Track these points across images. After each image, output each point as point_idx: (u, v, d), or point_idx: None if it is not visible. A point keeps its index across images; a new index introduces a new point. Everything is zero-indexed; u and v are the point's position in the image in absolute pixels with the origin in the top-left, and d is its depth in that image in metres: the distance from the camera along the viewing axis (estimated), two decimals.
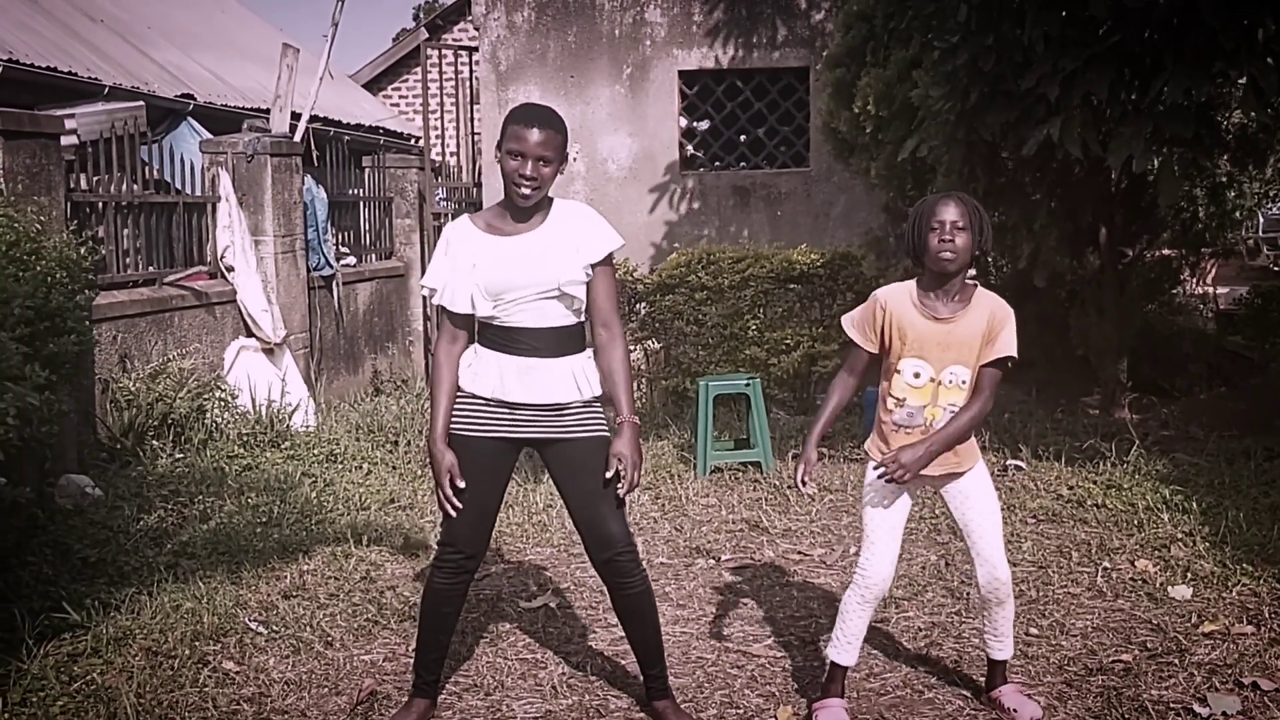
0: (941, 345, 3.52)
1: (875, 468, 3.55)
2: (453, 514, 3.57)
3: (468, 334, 3.65)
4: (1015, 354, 3.55)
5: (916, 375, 3.54)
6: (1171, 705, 3.70)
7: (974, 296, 3.56)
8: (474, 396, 3.60)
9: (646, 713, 3.78)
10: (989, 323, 3.53)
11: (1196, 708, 3.67)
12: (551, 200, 3.62)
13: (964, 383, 3.54)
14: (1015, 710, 3.65)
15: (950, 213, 3.47)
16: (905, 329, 3.54)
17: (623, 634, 4.39)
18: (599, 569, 3.67)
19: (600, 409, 3.66)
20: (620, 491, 3.55)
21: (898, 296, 3.58)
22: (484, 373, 3.60)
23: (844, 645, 3.69)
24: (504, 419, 3.59)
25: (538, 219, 3.60)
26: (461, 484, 3.55)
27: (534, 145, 3.46)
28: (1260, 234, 12.97)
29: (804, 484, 3.66)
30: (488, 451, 3.61)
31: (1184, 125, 6.22)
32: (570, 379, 3.58)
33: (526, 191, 3.49)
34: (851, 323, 3.67)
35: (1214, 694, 3.75)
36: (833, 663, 3.71)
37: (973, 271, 3.80)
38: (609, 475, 3.53)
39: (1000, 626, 3.73)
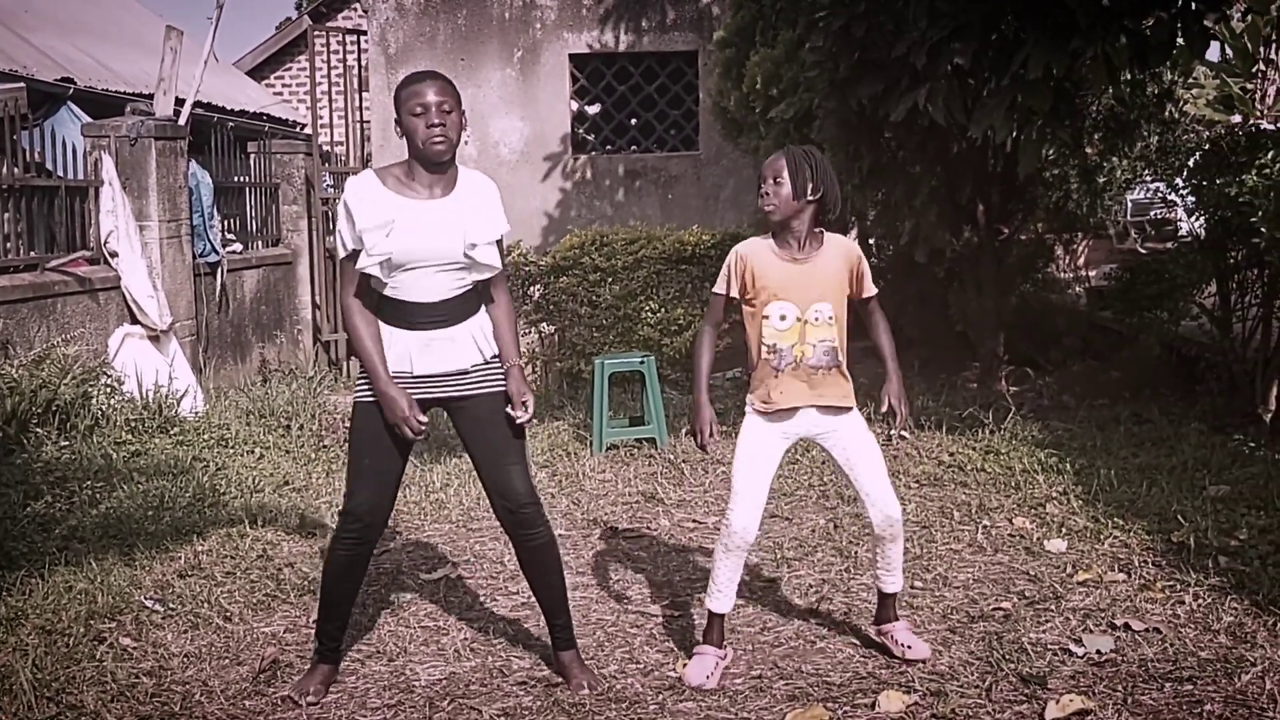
0: (802, 285, 3.72)
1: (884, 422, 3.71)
2: (413, 436, 3.59)
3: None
4: (874, 291, 3.92)
5: (783, 318, 3.73)
6: (1049, 646, 3.89)
7: (825, 239, 3.79)
8: None
9: (552, 666, 3.86)
10: (847, 260, 3.80)
11: (1073, 648, 3.87)
12: (456, 166, 3.67)
13: (831, 319, 3.74)
14: (908, 647, 3.81)
15: (771, 168, 3.73)
16: (766, 273, 3.73)
17: (524, 599, 4.52)
18: (504, 522, 3.75)
19: (499, 365, 3.74)
20: (520, 419, 3.65)
21: (754, 247, 3.80)
22: (389, 347, 3.65)
23: (716, 593, 3.83)
24: (409, 386, 3.64)
25: (447, 183, 3.63)
26: (423, 419, 3.59)
27: (433, 97, 3.52)
28: (1128, 218, 13.49)
29: (711, 439, 3.80)
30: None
31: (1042, 98, 6.50)
32: (471, 343, 3.67)
33: (440, 144, 3.53)
34: (719, 281, 3.86)
35: (1089, 635, 3.96)
36: (709, 611, 3.85)
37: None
38: (514, 414, 3.67)
39: (893, 561, 3.89)
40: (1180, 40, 6.32)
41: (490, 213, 3.67)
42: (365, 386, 3.67)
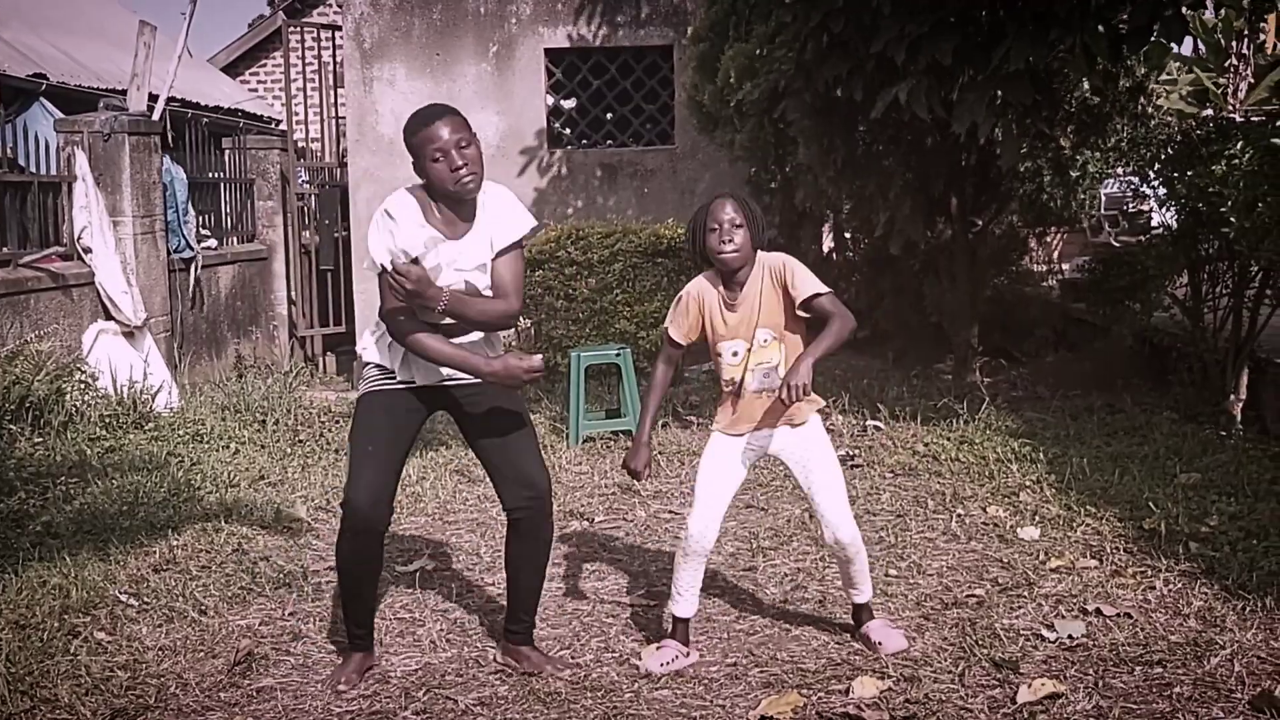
0: (746, 322, 3.76)
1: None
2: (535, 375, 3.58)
3: None
4: (822, 288, 3.73)
5: (735, 354, 3.79)
6: (1022, 632, 3.93)
7: (754, 265, 3.76)
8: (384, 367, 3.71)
9: (510, 658, 3.87)
10: (775, 278, 3.74)
11: (1045, 633, 3.90)
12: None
13: (771, 339, 3.76)
14: (880, 643, 3.84)
15: (724, 213, 3.69)
16: (715, 318, 3.78)
17: (500, 590, 4.51)
18: (518, 512, 3.76)
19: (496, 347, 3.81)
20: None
21: (705, 292, 3.81)
22: (394, 354, 3.68)
23: (678, 597, 3.87)
24: (411, 389, 3.71)
25: (468, 214, 3.61)
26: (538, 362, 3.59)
27: (449, 136, 3.47)
28: (1102, 211, 13.57)
29: (643, 474, 3.87)
30: (399, 408, 3.70)
31: (1023, 92, 6.54)
32: (479, 348, 3.72)
33: (470, 182, 3.50)
34: (671, 323, 3.88)
35: (1061, 620, 3.99)
36: (674, 615, 3.88)
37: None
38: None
39: (855, 577, 3.92)
40: (1157, 27, 6.36)
41: (494, 230, 3.63)
42: (377, 377, 3.71)
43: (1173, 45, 7.19)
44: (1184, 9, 6.44)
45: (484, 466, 3.89)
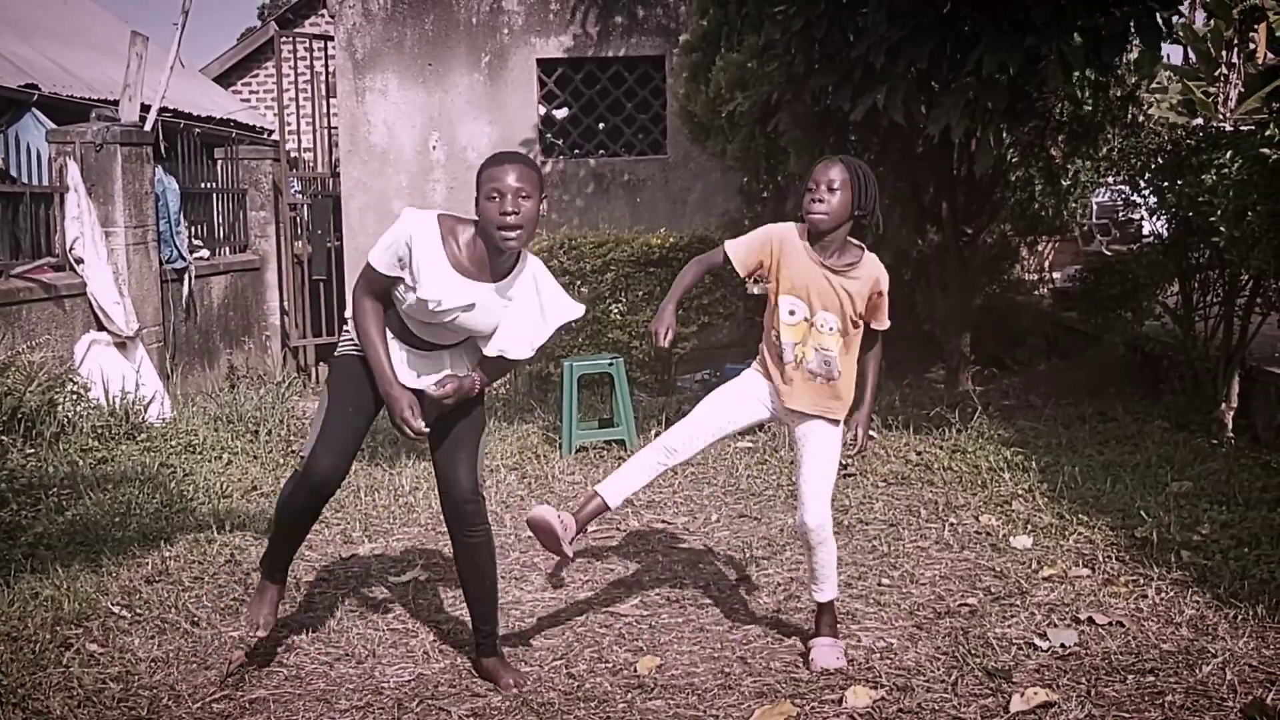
0: (819, 290, 3.73)
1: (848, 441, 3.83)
2: (413, 436, 3.60)
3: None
4: (886, 325, 3.91)
5: (791, 313, 3.76)
6: (1014, 641, 3.93)
7: (863, 257, 3.77)
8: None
9: (477, 672, 3.88)
10: (873, 286, 3.77)
11: (1038, 642, 3.91)
12: (523, 253, 3.64)
13: (834, 329, 3.75)
14: (813, 659, 3.81)
15: (826, 174, 3.68)
16: (790, 265, 3.74)
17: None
18: (446, 516, 3.82)
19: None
20: (434, 393, 3.58)
21: (789, 235, 3.78)
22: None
23: (614, 484, 3.87)
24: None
25: (503, 266, 3.58)
26: (423, 426, 3.60)
27: (514, 183, 3.45)
28: (1094, 220, 13.62)
29: (665, 336, 3.84)
30: (370, 376, 3.71)
31: (999, 96, 6.57)
32: (460, 360, 3.77)
33: (512, 236, 3.46)
34: (737, 244, 3.85)
35: (1053, 629, 4.00)
36: (598, 494, 3.86)
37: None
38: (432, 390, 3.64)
39: (817, 570, 3.89)
40: (1133, 33, 6.40)
41: (530, 323, 3.63)
42: (349, 342, 3.75)
43: (1161, 55, 7.23)
44: (1159, 15, 6.48)
45: (432, 466, 3.92)
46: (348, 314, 3.81)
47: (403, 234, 3.53)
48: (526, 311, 3.63)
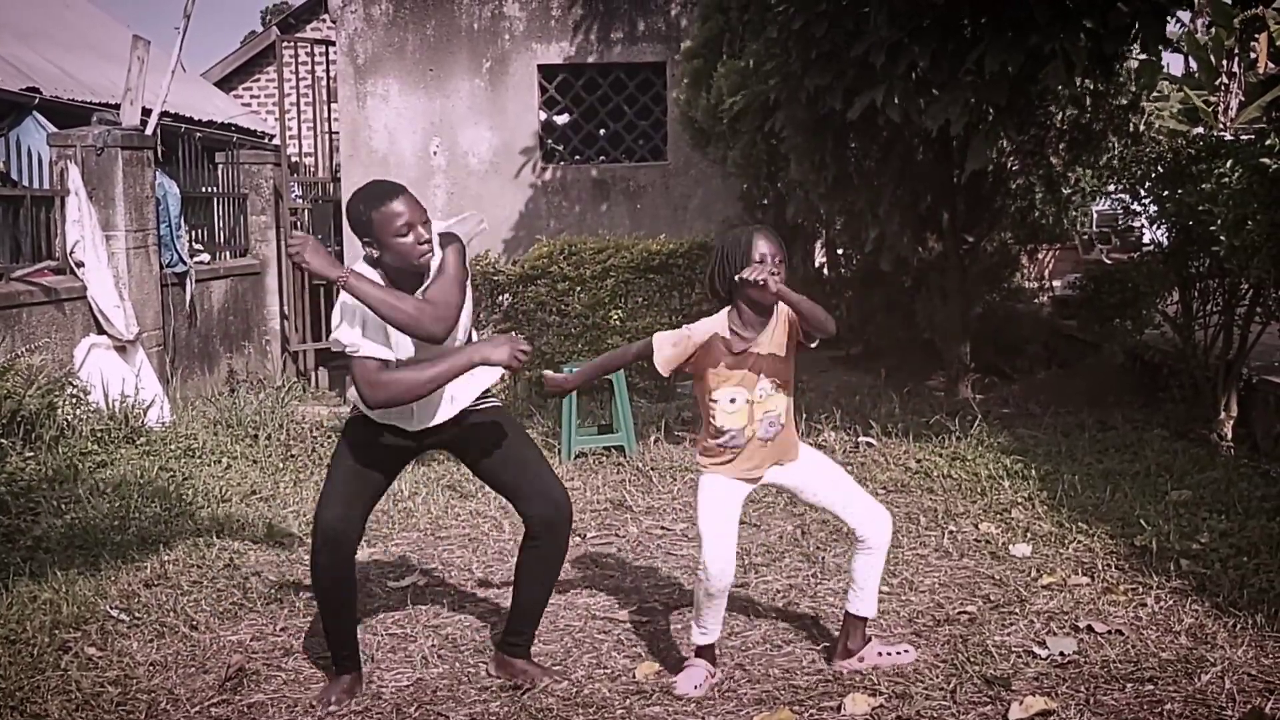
0: (752, 369, 3.68)
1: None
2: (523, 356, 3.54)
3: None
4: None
5: (732, 400, 3.69)
6: (1013, 649, 3.93)
7: (775, 308, 3.70)
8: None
9: (503, 671, 3.88)
10: (783, 319, 3.70)
11: (1036, 649, 3.91)
12: None
13: (778, 388, 3.71)
14: (869, 657, 3.83)
15: (770, 247, 3.61)
16: (718, 364, 3.67)
17: (491, 607, 4.54)
18: (539, 528, 3.77)
19: (491, 398, 3.86)
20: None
21: (712, 330, 3.68)
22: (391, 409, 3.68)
23: (703, 632, 3.82)
24: (408, 440, 3.77)
25: (420, 283, 3.59)
26: (527, 346, 3.56)
27: (412, 211, 3.48)
28: (1094, 228, 13.63)
29: (551, 386, 3.84)
30: (388, 441, 3.73)
31: (999, 93, 6.57)
32: (466, 388, 3.73)
33: (429, 256, 3.51)
34: (666, 340, 3.71)
35: (1052, 637, 4.00)
36: (698, 645, 3.84)
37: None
38: None
39: (873, 577, 3.84)
40: (1136, 27, 6.40)
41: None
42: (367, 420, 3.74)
43: (1162, 64, 7.23)
44: (1166, 12, 6.47)
45: (498, 489, 3.88)
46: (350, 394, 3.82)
47: (351, 305, 3.52)
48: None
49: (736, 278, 3.60)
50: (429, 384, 3.50)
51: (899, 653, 3.87)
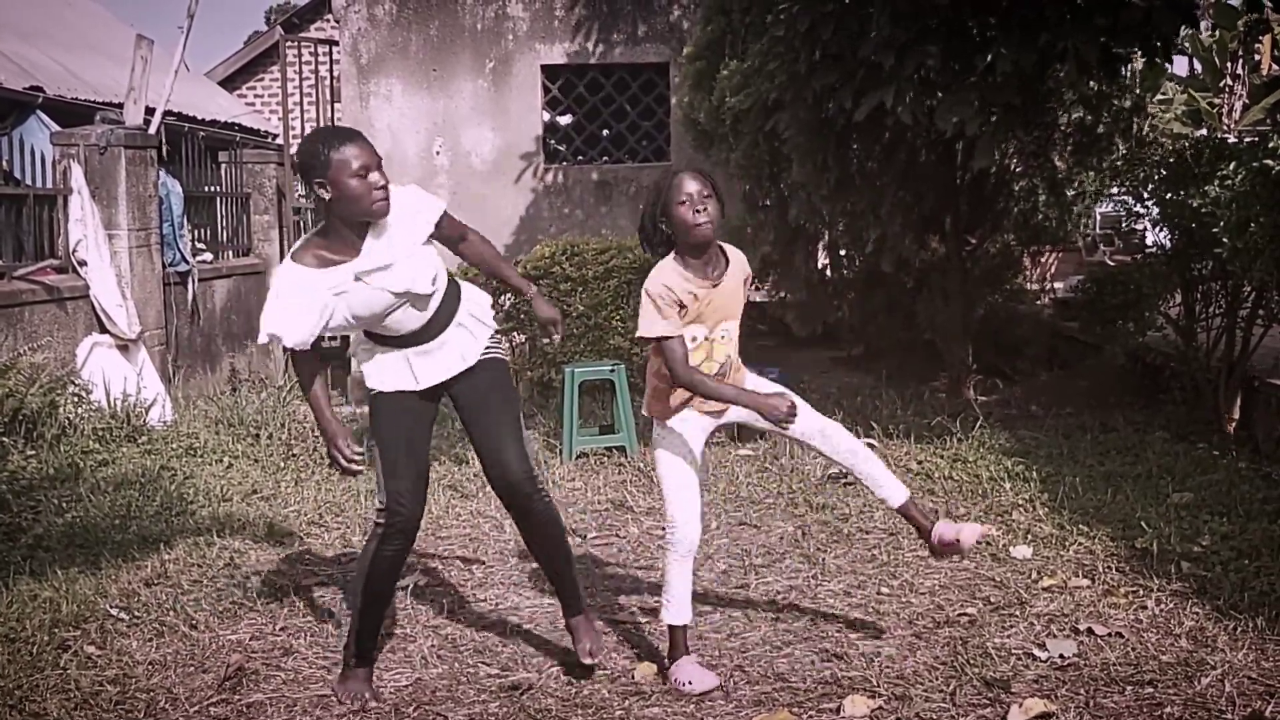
0: (714, 307, 3.70)
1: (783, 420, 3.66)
2: (349, 468, 3.60)
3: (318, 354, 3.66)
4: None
5: (693, 339, 3.70)
6: (1013, 651, 3.92)
7: (728, 254, 3.75)
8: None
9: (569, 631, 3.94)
10: (744, 273, 3.79)
11: (1036, 652, 3.90)
12: None
13: (733, 337, 3.76)
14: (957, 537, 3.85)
15: (695, 186, 3.62)
16: (688, 302, 3.67)
17: (491, 607, 4.55)
18: (501, 497, 3.82)
19: (498, 338, 3.88)
20: (554, 340, 3.95)
21: (672, 279, 3.66)
22: (390, 368, 3.72)
23: (675, 606, 3.82)
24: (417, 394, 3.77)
25: (377, 231, 3.56)
26: (359, 450, 3.62)
27: (369, 156, 3.47)
28: (1097, 230, 13.61)
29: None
30: (411, 402, 3.73)
31: (1010, 93, 6.56)
32: (468, 338, 3.76)
33: (385, 207, 3.50)
34: (652, 325, 3.68)
35: (1052, 639, 3.99)
36: (670, 626, 3.84)
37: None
38: (551, 338, 4.02)
39: (879, 477, 3.89)
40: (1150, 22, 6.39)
41: (413, 223, 3.62)
42: (378, 374, 3.74)
43: (1167, 66, 7.22)
44: (1180, 8, 6.44)
45: (473, 446, 3.90)
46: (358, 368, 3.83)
47: (278, 288, 3.52)
48: (412, 239, 3.61)
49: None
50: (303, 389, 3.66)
51: (688, 682, 3.73)
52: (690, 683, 3.72)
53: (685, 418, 3.80)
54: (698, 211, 3.59)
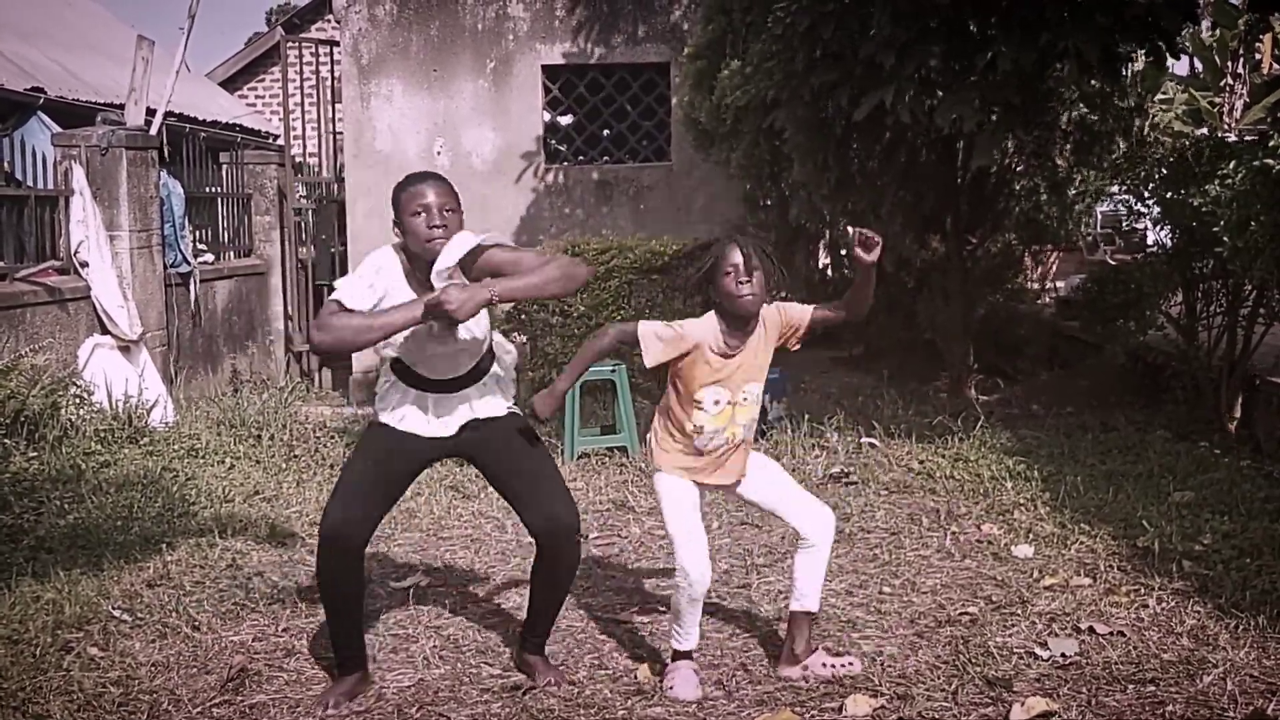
0: (739, 371, 3.68)
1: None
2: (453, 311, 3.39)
3: None
4: (810, 307, 3.80)
5: (716, 403, 3.68)
6: (1015, 650, 3.93)
7: (756, 318, 3.70)
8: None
9: (519, 666, 3.91)
10: (776, 328, 3.73)
11: (1038, 651, 3.91)
12: None
13: (758, 398, 3.73)
14: (812, 671, 3.80)
15: (742, 257, 3.58)
16: (709, 363, 3.66)
17: (493, 608, 4.55)
18: (543, 543, 3.78)
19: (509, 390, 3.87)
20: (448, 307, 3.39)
21: (703, 335, 3.65)
22: (405, 407, 3.72)
23: (687, 638, 3.82)
24: (420, 445, 3.75)
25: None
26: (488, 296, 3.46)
27: (436, 198, 3.55)
28: (1098, 229, 13.60)
29: (546, 413, 3.68)
30: (405, 447, 3.72)
31: (1009, 91, 6.57)
32: (485, 399, 3.76)
33: (439, 240, 3.52)
34: (654, 334, 3.68)
35: (1054, 638, 4.00)
36: (676, 650, 3.84)
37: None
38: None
39: (815, 574, 3.85)
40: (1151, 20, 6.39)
41: (447, 270, 3.58)
42: (390, 410, 3.74)
43: (1171, 59, 7.20)
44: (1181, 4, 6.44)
45: (507, 498, 3.87)
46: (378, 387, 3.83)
47: (368, 267, 3.59)
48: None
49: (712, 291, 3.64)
50: (376, 330, 3.41)
51: (845, 665, 3.80)
52: (672, 687, 3.73)
53: (674, 479, 3.78)
54: (741, 283, 3.58)
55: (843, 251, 10.86)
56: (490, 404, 3.78)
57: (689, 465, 3.75)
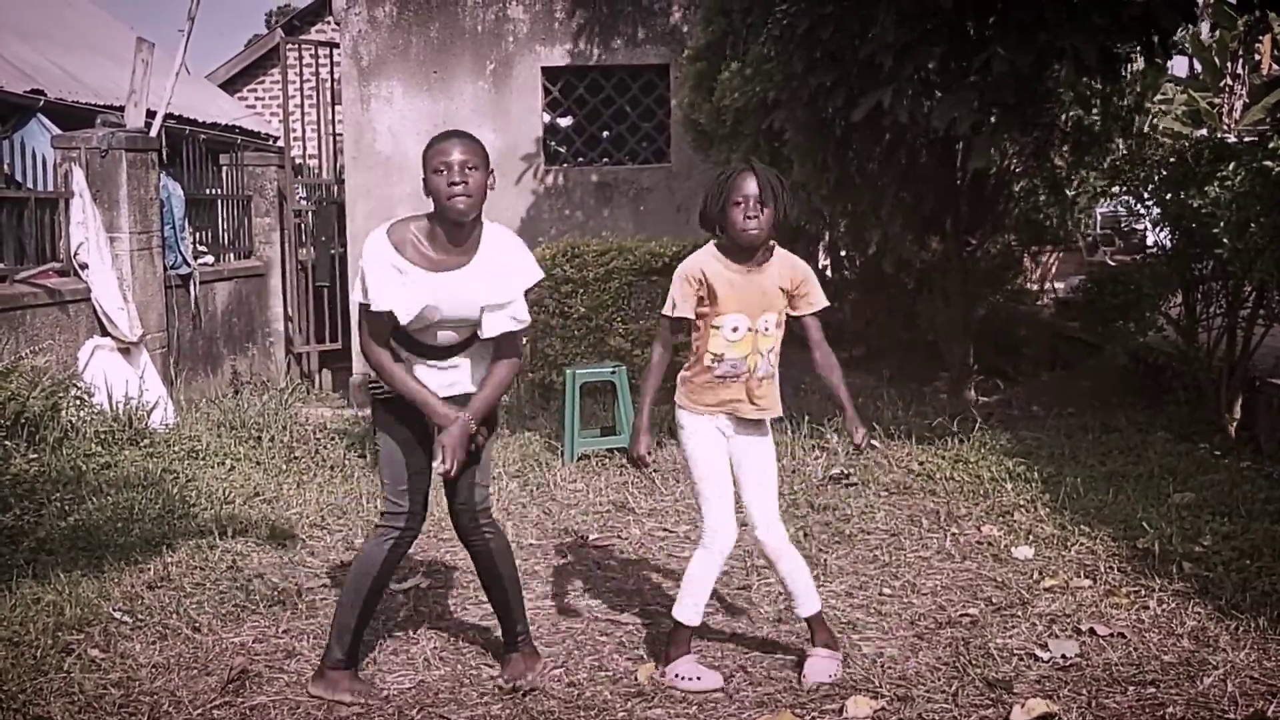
0: (754, 296, 3.72)
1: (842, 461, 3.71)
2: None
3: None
4: (826, 304, 3.86)
5: (735, 329, 3.73)
6: (1015, 651, 3.93)
7: (774, 250, 3.78)
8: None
9: (503, 669, 3.94)
10: (791, 276, 3.78)
11: (1039, 652, 3.91)
12: (482, 224, 3.67)
13: (777, 326, 3.76)
14: (805, 673, 3.79)
15: (749, 189, 3.64)
16: (722, 288, 3.70)
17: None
18: (454, 527, 3.90)
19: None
20: (439, 470, 3.64)
21: (707, 264, 3.73)
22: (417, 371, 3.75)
23: (693, 606, 3.83)
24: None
25: (469, 247, 3.62)
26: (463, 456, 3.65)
27: (458, 155, 3.54)
28: (1098, 230, 13.61)
29: (646, 457, 3.81)
30: (419, 417, 3.74)
31: (1008, 92, 6.57)
32: (465, 379, 3.80)
33: (461, 204, 3.52)
34: (672, 305, 3.78)
35: (1054, 640, 4.00)
36: (680, 624, 3.84)
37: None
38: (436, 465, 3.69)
39: (790, 584, 3.85)
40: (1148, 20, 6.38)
41: (508, 279, 3.65)
42: (388, 393, 3.76)
43: (1166, 66, 7.21)
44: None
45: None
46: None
47: (373, 257, 3.59)
48: (502, 270, 3.64)
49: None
50: (398, 388, 3.68)
51: (696, 678, 3.77)
52: (698, 678, 3.73)
53: (699, 422, 3.80)
54: (749, 217, 3.63)
55: (842, 252, 10.87)
56: (466, 383, 3.78)
57: (717, 400, 3.75)
